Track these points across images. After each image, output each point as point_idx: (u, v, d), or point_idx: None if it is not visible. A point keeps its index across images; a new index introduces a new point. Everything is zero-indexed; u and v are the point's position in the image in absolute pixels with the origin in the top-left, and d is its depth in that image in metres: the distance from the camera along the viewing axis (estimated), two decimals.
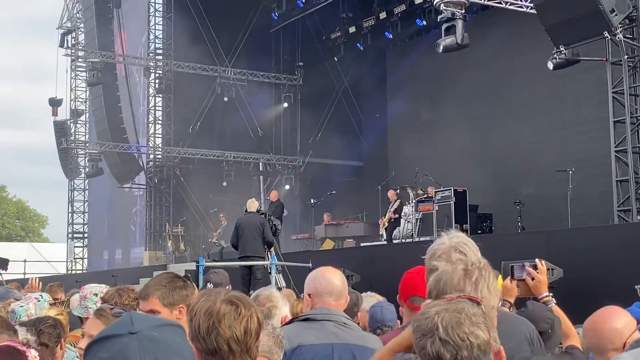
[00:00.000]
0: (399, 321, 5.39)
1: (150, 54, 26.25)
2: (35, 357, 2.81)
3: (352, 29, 24.26)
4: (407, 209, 17.79)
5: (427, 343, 1.93)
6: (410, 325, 2.04)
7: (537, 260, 4.32)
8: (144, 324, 1.49)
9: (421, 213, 16.84)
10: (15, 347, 3.08)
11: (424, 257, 2.73)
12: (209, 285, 5.77)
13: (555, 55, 14.21)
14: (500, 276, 4.64)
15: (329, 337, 3.39)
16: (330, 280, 3.57)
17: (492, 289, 2.51)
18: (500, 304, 4.43)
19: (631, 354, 2.57)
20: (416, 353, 1.99)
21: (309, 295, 3.60)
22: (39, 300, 5.12)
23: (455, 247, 2.71)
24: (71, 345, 4.42)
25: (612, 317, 3.08)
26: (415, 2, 21.65)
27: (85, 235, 31.12)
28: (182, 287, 3.51)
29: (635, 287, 2.82)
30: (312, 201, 20.77)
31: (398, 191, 18.47)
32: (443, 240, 2.77)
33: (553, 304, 4.18)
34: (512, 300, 4.43)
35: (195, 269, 12.87)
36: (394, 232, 17.92)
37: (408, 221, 17.56)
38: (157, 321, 1.55)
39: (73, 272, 30.17)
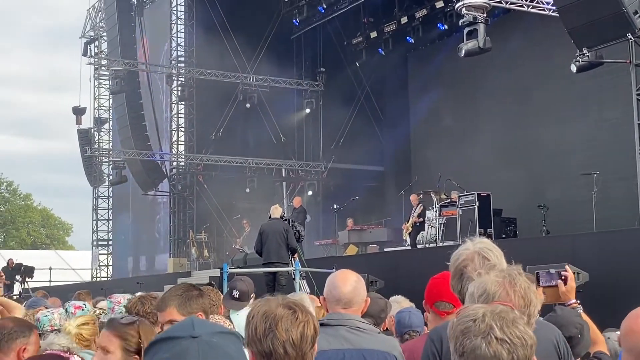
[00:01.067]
0: (425, 327, 5.39)
1: (173, 62, 26.42)
2: None
3: (373, 34, 24.25)
4: (430, 214, 17.74)
5: (481, 344, 1.91)
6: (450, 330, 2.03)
7: (566, 266, 4.29)
8: (205, 329, 1.55)
9: (445, 218, 16.76)
10: (59, 354, 3.22)
11: (448, 262, 2.73)
12: (235, 293, 5.78)
13: (578, 58, 14.12)
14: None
15: (340, 342, 3.37)
16: (338, 287, 3.52)
17: (536, 295, 2.50)
18: None
19: None
20: (458, 356, 1.97)
21: (324, 299, 3.61)
22: (82, 309, 5.19)
23: (479, 252, 2.71)
24: None
25: None
26: (437, 7, 21.61)
27: (110, 242, 31.34)
28: (197, 295, 3.61)
29: None
30: (335, 207, 20.76)
31: (421, 196, 18.42)
32: (467, 246, 2.77)
33: (581, 311, 4.15)
34: (539, 307, 4.41)
35: (219, 275, 12.95)
36: (418, 237, 17.87)
37: (432, 226, 17.49)
38: (217, 328, 1.60)
39: (98, 279, 30.39)
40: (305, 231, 20.45)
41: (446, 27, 22.25)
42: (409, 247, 17.72)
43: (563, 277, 4.19)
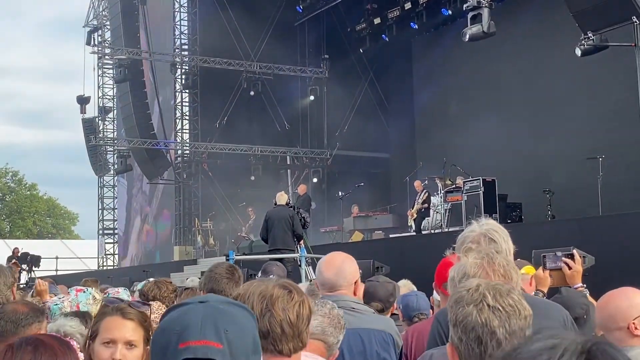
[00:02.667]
0: (432, 310, 5.41)
1: (176, 50, 26.39)
2: (78, 347, 2.87)
3: (377, 20, 24.16)
4: (435, 200, 17.75)
5: (472, 311, 1.91)
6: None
7: (573, 250, 4.30)
8: (215, 298, 1.61)
9: (450, 203, 16.77)
10: (58, 336, 3.14)
11: (454, 245, 2.73)
12: (272, 277, 5.81)
13: (583, 42, 14.06)
14: (529, 266, 4.63)
15: None
16: (321, 272, 3.52)
17: (516, 271, 2.51)
18: (533, 293, 4.43)
19: None
20: (452, 326, 1.98)
21: (317, 283, 3.63)
22: (83, 292, 5.20)
23: (485, 234, 2.72)
24: None
25: (620, 296, 3.03)
26: None
27: (116, 231, 31.43)
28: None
29: None
30: (340, 193, 20.77)
31: (426, 182, 18.41)
32: (473, 228, 2.78)
33: (587, 293, 4.16)
34: (545, 290, 4.42)
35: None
36: (423, 222, 17.88)
37: (437, 212, 17.51)
38: (228, 300, 1.66)
39: (104, 268, 30.49)
40: (311, 218, 20.56)
41: (450, 12, 22.14)
42: (414, 233, 17.74)
43: (567, 261, 4.21)
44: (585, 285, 4.32)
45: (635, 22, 12.92)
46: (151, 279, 5.38)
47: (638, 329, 2.84)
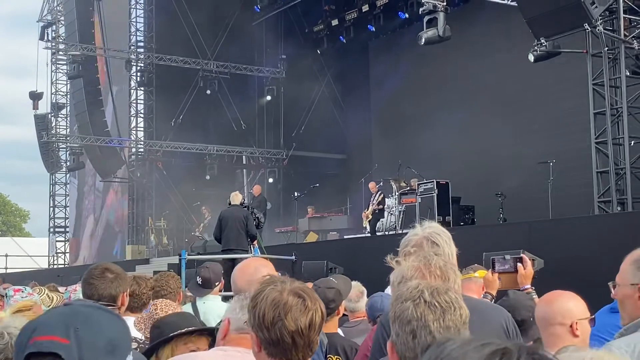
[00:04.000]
0: (364, 311, 5.46)
1: (132, 47, 26.10)
2: None
3: (334, 22, 24.23)
4: (390, 202, 17.86)
5: (409, 306, 1.96)
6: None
7: (522, 253, 4.37)
8: (80, 302, 1.72)
9: (404, 205, 16.90)
10: None
11: (398, 248, 2.76)
12: (198, 280, 5.74)
13: (536, 48, 14.28)
14: (483, 270, 4.69)
15: None
16: (234, 282, 3.41)
17: (455, 271, 2.55)
18: (482, 296, 4.49)
19: (623, 341, 2.60)
20: (392, 323, 2.01)
21: None
22: (21, 292, 5.11)
23: (428, 238, 2.75)
24: None
25: (567, 295, 3.11)
26: None
27: (67, 229, 30.98)
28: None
29: (609, 284, 2.84)
30: (295, 194, 20.77)
31: (381, 183, 18.51)
32: (416, 231, 2.81)
33: (535, 296, 4.23)
34: (494, 293, 4.48)
35: (178, 262, 12.88)
36: (378, 224, 17.98)
37: (391, 213, 17.62)
38: (95, 304, 1.73)
39: (55, 266, 30.03)
40: (266, 219, 20.51)
41: (407, 15, 22.32)
42: (369, 235, 17.82)
43: (519, 266, 4.27)
44: (533, 288, 4.39)
45: (587, 29, 13.15)
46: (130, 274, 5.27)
47: (578, 330, 2.90)
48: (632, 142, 13.45)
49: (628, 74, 13.62)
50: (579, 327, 2.91)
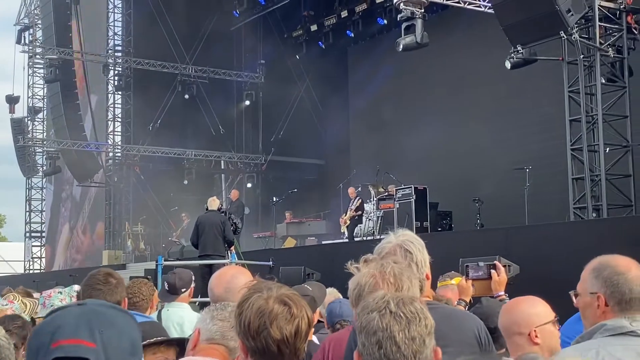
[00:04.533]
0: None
1: (109, 51, 25.96)
2: None
3: (313, 27, 24.27)
4: (368, 207, 17.87)
5: (375, 317, 1.97)
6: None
7: (496, 260, 4.38)
8: (93, 302, 1.60)
9: (382, 211, 16.92)
10: None
11: (350, 262, 2.76)
12: (165, 285, 5.69)
13: (512, 55, 14.39)
14: (459, 277, 4.70)
15: None
16: (211, 289, 3.41)
17: (411, 280, 2.57)
18: (456, 303, 4.50)
19: (575, 348, 2.62)
20: (358, 333, 2.02)
21: None
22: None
23: (401, 245, 2.76)
24: None
25: (526, 303, 3.10)
26: (376, 1, 21.74)
27: (43, 234, 30.72)
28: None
29: (570, 292, 2.86)
30: (274, 199, 20.74)
31: (359, 189, 18.53)
32: (390, 239, 2.82)
33: None
34: (468, 300, 4.49)
35: (155, 268, 12.81)
36: (356, 229, 17.98)
37: (369, 219, 17.64)
38: (108, 303, 1.64)
39: (31, 271, 29.75)
40: (244, 224, 20.44)
41: (386, 22, 22.40)
42: (347, 240, 17.82)
43: (493, 273, 4.29)
44: (507, 295, 4.40)
45: (563, 37, 13.27)
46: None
47: (538, 338, 2.91)
48: (607, 149, 13.58)
49: (603, 81, 13.76)
50: (538, 334, 2.92)
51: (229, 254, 12.57)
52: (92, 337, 1.49)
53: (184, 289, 5.53)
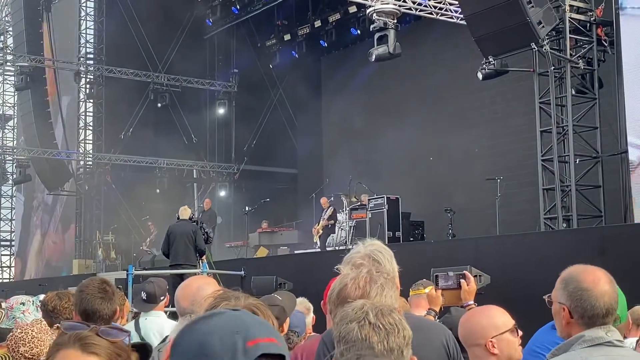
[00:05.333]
0: (311, 328, 5.42)
1: (81, 59, 25.77)
2: None
3: (287, 37, 24.29)
4: (340, 217, 17.87)
5: (354, 327, 1.97)
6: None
7: (464, 270, 4.39)
8: (225, 309, 1.62)
9: (355, 220, 16.92)
10: None
11: (338, 265, 2.76)
12: (143, 295, 5.62)
13: (484, 66, 14.52)
14: (432, 287, 4.70)
15: None
16: (178, 301, 3.38)
17: (395, 298, 2.56)
18: (425, 313, 4.51)
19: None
20: (336, 343, 2.01)
21: None
22: None
23: (370, 255, 2.75)
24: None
25: (482, 314, 3.11)
26: (350, 11, 21.80)
27: (13, 243, 30.34)
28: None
29: (543, 297, 2.89)
30: (246, 208, 20.67)
31: (332, 199, 18.53)
32: (359, 249, 2.81)
33: None
34: (437, 309, 4.50)
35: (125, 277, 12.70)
36: (328, 239, 17.98)
37: (342, 229, 17.63)
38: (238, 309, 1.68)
39: (0, 280, 29.36)
40: (216, 233, 20.35)
41: (359, 32, 22.49)
42: (319, 250, 17.80)
43: (462, 282, 4.29)
44: (476, 304, 4.41)
45: (534, 48, 13.41)
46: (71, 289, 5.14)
47: (495, 348, 2.92)
48: (577, 160, 13.73)
49: (574, 92, 13.92)
50: (495, 344, 2.93)
51: (201, 263, 12.50)
52: (275, 335, 1.54)
53: (162, 297, 5.51)
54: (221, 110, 26.34)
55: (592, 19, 14.06)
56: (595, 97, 14.01)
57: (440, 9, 17.15)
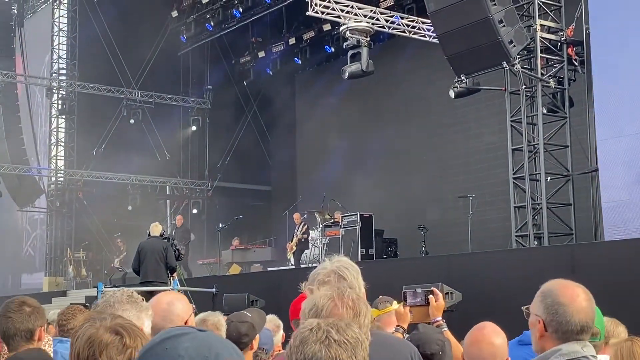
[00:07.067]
0: (280, 345, 5.40)
1: (54, 74, 25.57)
2: None
3: (261, 54, 24.36)
4: (314, 234, 17.84)
5: (321, 348, 1.90)
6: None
7: (432, 287, 4.39)
8: (193, 328, 1.61)
9: (328, 237, 16.90)
10: None
11: (303, 282, 2.74)
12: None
13: (456, 84, 14.61)
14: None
15: None
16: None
17: (367, 306, 2.55)
18: (394, 329, 4.49)
19: None
20: None
21: None
22: None
23: (336, 271, 2.74)
24: None
25: (492, 334, 3.18)
26: (324, 29, 21.93)
27: None
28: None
29: (522, 308, 2.90)
30: (219, 225, 20.57)
31: (305, 215, 18.50)
32: (325, 265, 2.79)
33: (445, 329, 4.24)
34: (405, 326, 4.48)
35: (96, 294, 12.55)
36: (302, 256, 17.93)
37: (315, 245, 17.60)
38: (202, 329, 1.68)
39: None
40: (189, 250, 20.22)
41: (333, 49, 22.61)
42: (293, 267, 17.74)
43: (430, 299, 4.29)
44: (444, 320, 4.41)
45: (506, 67, 13.52)
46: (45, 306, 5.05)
47: None
48: (549, 178, 13.83)
49: (545, 111, 14.05)
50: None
51: (172, 280, 12.39)
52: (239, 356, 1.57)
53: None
54: (194, 127, 26.26)
55: (562, 38, 14.21)
56: (566, 115, 14.15)
57: (414, 27, 17.29)
